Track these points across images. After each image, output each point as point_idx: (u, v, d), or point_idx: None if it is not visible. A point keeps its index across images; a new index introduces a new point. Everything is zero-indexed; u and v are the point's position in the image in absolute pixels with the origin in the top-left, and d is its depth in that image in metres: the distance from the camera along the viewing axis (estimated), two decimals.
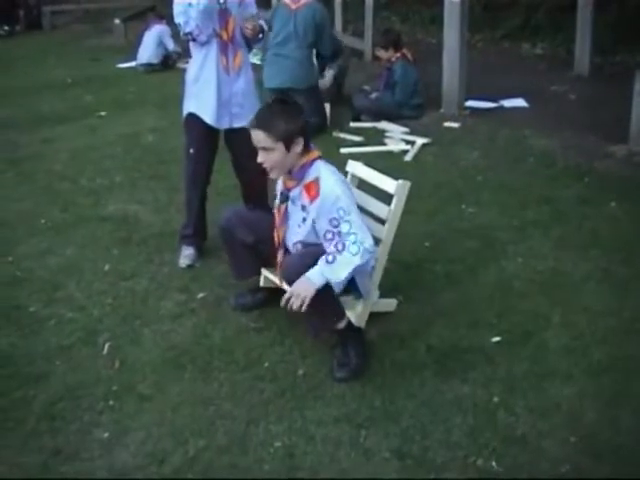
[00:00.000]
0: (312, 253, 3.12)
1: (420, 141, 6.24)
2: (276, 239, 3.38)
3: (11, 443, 2.83)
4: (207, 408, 2.99)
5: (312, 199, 3.19)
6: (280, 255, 3.36)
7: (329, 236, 3.15)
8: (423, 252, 4.26)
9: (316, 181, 3.18)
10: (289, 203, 3.30)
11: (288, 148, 3.14)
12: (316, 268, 3.02)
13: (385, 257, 3.43)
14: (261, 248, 3.48)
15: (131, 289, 3.96)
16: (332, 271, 3.02)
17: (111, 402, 3.04)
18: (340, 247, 3.07)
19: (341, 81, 7.65)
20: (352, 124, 6.86)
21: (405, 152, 6.04)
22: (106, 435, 2.86)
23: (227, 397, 3.05)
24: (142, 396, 3.08)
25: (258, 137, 3.16)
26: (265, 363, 3.27)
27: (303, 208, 3.25)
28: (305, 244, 3.28)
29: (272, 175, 3.29)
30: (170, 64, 10.05)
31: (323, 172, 3.20)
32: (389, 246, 3.40)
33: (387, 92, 7.03)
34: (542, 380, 3.09)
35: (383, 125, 6.81)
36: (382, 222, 3.39)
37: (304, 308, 2.98)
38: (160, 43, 9.97)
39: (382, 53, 7.17)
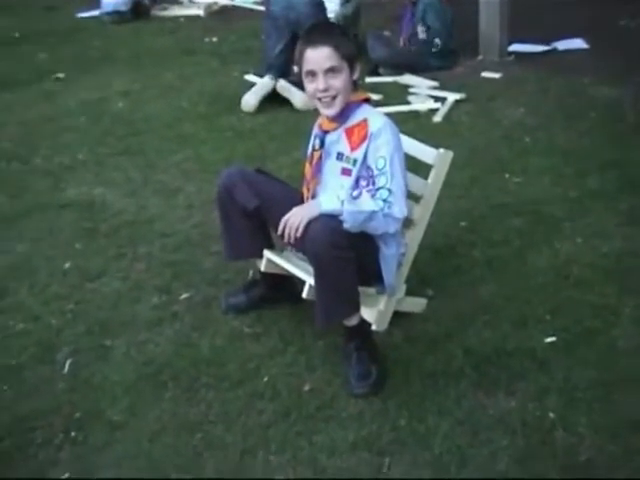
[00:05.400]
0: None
1: (452, 97, 6.22)
2: (305, 195, 3.37)
3: None
4: (193, 435, 2.98)
5: (356, 145, 3.21)
6: None
7: (363, 183, 3.20)
8: (458, 234, 4.26)
9: (364, 123, 3.21)
10: (323, 151, 3.31)
11: (352, 71, 3.22)
12: (333, 194, 3.13)
13: (417, 243, 3.42)
14: (264, 219, 3.43)
15: (98, 292, 3.95)
16: (353, 203, 3.07)
17: (73, 433, 3.03)
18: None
19: (355, 26, 7.58)
20: (368, 79, 6.82)
21: (434, 111, 6.02)
22: (66, 476, 2.84)
23: (217, 421, 3.05)
24: (112, 424, 3.07)
25: (323, 55, 3.16)
26: (264, 377, 3.26)
27: (339, 156, 3.27)
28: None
29: (334, 108, 3.24)
30: (142, 12, 10.02)
31: (374, 114, 3.28)
32: (423, 230, 3.40)
33: (412, 37, 6.99)
34: (611, 390, 3.06)
35: (406, 79, 6.80)
36: (414, 199, 3.37)
37: (300, 231, 3.01)
38: None
39: None
